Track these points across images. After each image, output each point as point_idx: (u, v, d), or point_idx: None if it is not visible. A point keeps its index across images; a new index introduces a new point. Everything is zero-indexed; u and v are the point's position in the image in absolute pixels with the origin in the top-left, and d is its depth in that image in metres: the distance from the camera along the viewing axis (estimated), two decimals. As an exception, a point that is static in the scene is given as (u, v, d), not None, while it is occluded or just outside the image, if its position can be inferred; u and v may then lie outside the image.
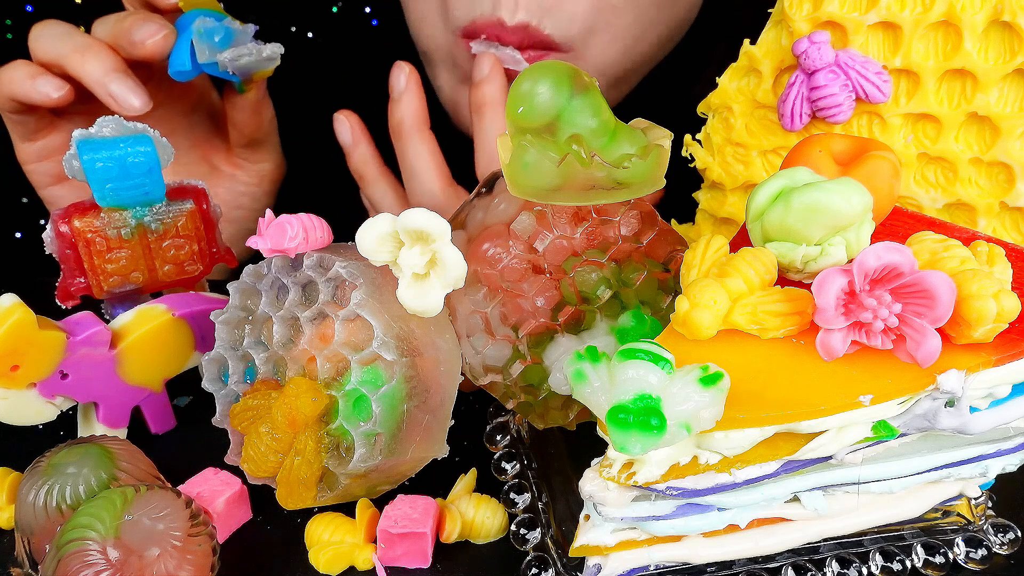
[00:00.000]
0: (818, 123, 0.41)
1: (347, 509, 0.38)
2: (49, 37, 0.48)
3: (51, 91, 0.47)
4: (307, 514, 0.38)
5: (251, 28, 0.50)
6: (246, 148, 0.57)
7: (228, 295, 0.39)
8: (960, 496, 0.36)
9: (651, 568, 0.34)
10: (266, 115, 0.56)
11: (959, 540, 0.36)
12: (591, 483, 0.30)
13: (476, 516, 0.37)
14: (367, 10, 0.72)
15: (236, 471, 0.38)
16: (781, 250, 0.31)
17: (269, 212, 0.37)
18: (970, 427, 0.31)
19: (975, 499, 0.37)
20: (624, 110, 0.62)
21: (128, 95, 0.46)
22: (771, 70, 0.42)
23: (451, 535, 0.37)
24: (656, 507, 0.31)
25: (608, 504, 0.30)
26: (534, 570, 0.35)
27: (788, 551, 0.35)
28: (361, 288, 0.35)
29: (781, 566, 0.35)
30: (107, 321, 0.42)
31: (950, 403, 0.30)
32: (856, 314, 0.29)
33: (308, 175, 0.63)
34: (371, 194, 0.55)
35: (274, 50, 0.50)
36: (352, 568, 0.36)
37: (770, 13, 0.42)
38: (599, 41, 0.53)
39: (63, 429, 0.45)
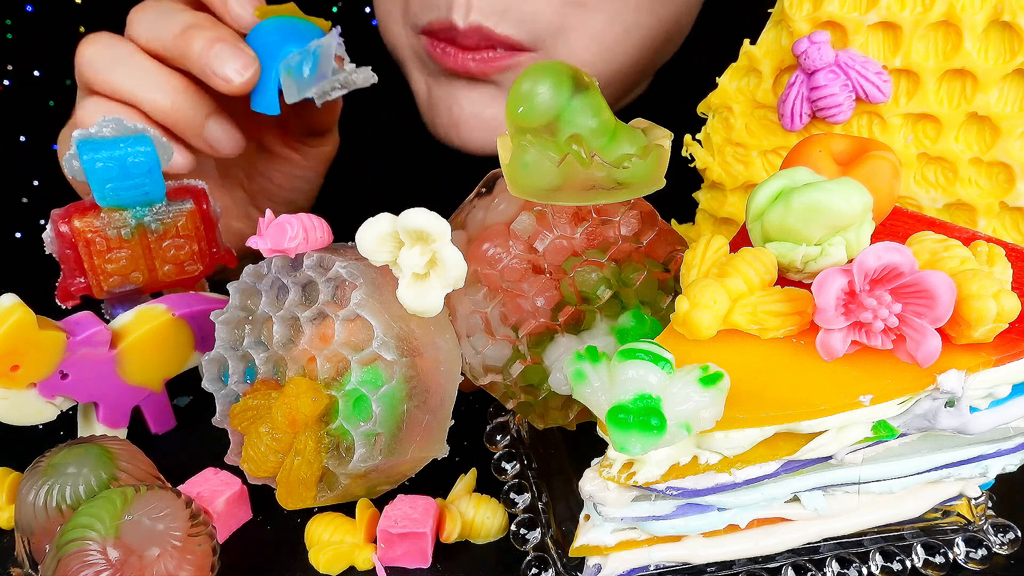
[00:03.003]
0: (818, 123, 0.41)
1: (347, 509, 0.38)
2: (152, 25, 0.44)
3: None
4: (307, 514, 0.38)
5: (334, 39, 0.45)
6: (311, 135, 0.54)
7: (228, 295, 0.39)
8: (960, 496, 0.36)
9: (651, 568, 0.34)
10: (338, 107, 0.53)
11: (959, 540, 0.36)
12: (591, 483, 0.30)
13: (476, 516, 0.37)
14: (367, 10, 0.72)
15: (236, 471, 0.38)
16: (781, 250, 0.31)
17: (269, 212, 0.37)
18: (970, 427, 0.31)
19: (975, 499, 0.37)
20: (626, 110, 0.62)
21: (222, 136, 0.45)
22: (771, 70, 0.42)
23: (451, 535, 0.37)
24: (656, 507, 0.31)
25: (608, 504, 0.30)
26: (534, 570, 0.35)
27: (788, 551, 0.35)
28: (361, 288, 0.35)
29: (781, 566, 0.35)
30: (107, 321, 0.42)
31: (950, 403, 0.30)
32: (856, 314, 0.29)
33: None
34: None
35: (366, 78, 0.46)
36: (352, 568, 0.36)
37: (770, 13, 0.42)
38: (570, 41, 0.51)
39: (63, 429, 0.45)
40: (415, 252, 0.34)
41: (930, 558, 0.35)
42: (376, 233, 0.34)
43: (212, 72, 0.43)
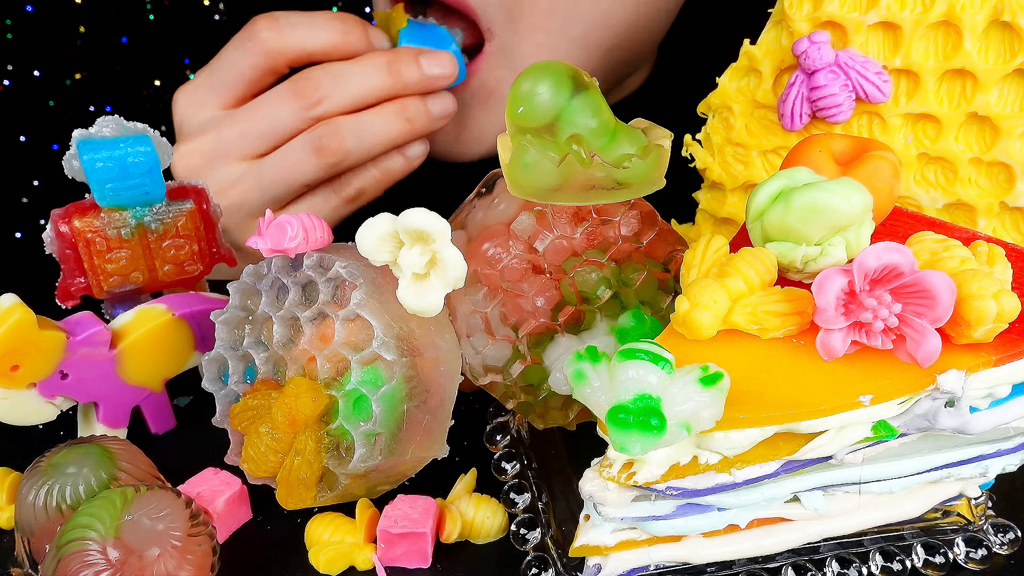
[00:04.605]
0: (818, 123, 0.41)
1: (347, 509, 0.38)
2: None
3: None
4: (307, 514, 0.38)
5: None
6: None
7: (228, 295, 0.39)
8: (960, 496, 0.36)
9: (651, 568, 0.34)
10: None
11: (959, 540, 0.36)
12: (591, 483, 0.30)
13: (476, 516, 0.37)
14: (367, 10, 0.72)
15: (236, 471, 0.38)
16: (781, 250, 0.31)
17: (269, 212, 0.37)
18: (970, 427, 0.31)
19: (975, 499, 0.37)
20: (625, 110, 0.62)
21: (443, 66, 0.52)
22: (771, 70, 0.42)
23: (451, 535, 0.37)
24: (656, 507, 0.31)
25: (608, 504, 0.30)
26: (534, 570, 0.35)
27: (788, 551, 0.35)
28: (361, 288, 0.35)
29: (781, 566, 0.35)
30: (107, 321, 0.42)
31: (950, 403, 0.30)
32: (856, 314, 0.29)
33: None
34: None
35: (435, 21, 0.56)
36: (352, 568, 0.36)
37: (770, 13, 0.42)
38: (520, 29, 0.55)
39: (63, 429, 0.45)
40: (415, 252, 0.34)
41: (930, 558, 0.35)
42: (376, 233, 0.34)
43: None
